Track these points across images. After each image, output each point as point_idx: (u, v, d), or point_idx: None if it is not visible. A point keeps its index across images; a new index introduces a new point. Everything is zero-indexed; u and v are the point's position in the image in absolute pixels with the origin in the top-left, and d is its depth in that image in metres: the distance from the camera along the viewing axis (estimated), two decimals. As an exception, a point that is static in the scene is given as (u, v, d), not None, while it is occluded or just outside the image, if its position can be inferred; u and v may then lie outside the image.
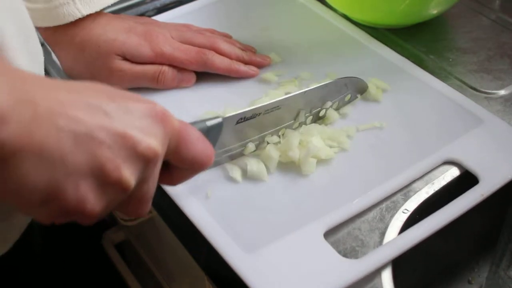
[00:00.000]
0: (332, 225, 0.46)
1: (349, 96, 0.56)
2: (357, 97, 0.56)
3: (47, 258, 0.65)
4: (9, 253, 0.50)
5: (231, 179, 0.49)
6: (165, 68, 0.57)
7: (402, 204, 0.48)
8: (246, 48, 0.62)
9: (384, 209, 0.48)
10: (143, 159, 0.32)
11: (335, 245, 0.45)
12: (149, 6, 0.73)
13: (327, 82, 0.53)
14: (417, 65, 0.61)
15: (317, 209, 0.47)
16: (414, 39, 0.66)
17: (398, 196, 0.49)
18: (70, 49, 0.57)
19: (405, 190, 0.49)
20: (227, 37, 0.63)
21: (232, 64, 0.59)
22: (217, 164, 0.48)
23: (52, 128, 0.29)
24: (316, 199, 0.48)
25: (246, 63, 0.60)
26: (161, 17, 0.68)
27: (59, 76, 0.63)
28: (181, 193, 0.48)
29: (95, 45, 0.56)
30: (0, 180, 0.29)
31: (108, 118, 0.31)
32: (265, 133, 0.50)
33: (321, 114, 0.54)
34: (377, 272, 0.43)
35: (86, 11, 0.55)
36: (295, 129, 0.52)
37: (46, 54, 0.64)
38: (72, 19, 0.54)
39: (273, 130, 0.51)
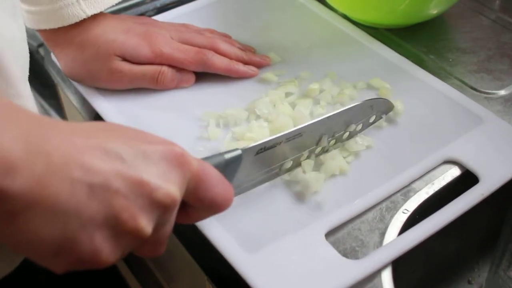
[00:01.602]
0: (334, 225, 0.46)
1: (374, 117, 0.53)
2: (382, 118, 0.53)
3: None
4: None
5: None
6: (165, 69, 0.57)
7: (402, 205, 0.48)
8: (245, 48, 0.62)
9: (384, 209, 0.48)
10: (161, 206, 0.31)
11: (335, 245, 0.45)
12: (149, 6, 0.73)
13: (352, 105, 0.50)
14: (417, 65, 0.61)
15: (319, 209, 0.47)
16: (414, 39, 0.66)
17: (398, 196, 0.49)
18: (69, 50, 0.57)
19: (405, 190, 0.49)
20: (226, 37, 0.63)
21: (231, 64, 0.59)
22: (238, 193, 0.46)
23: (67, 180, 0.28)
24: (317, 199, 0.48)
25: (245, 63, 0.60)
26: (160, 17, 0.68)
27: (58, 76, 0.63)
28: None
29: (95, 46, 0.56)
30: (12, 233, 0.28)
31: (125, 165, 0.30)
32: (285, 161, 0.48)
33: (344, 137, 0.51)
34: (377, 272, 0.43)
35: (90, 12, 0.54)
36: (317, 155, 0.50)
37: (46, 53, 0.64)
38: (76, 19, 0.54)
39: (295, 156, 0.48)
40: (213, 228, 0.45)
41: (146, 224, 0.30)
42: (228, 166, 0.41)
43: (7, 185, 0.26)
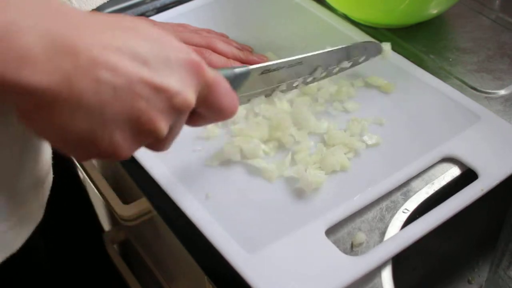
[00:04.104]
0: (334, 222, 0.46)
1: (363, 58, 0.58)
2: (369, 59, 0.58)
3: (48, 258, 0.65)
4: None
5: (231, 179, 0.49)
6: None
7: (402, 204, 0.48)
8: (242, 47, 0.63)
9: (384, 209, 0.48)
10: (177, 111, 0.33)
11: (335, 245, 0.45)
12: (149, 6, 0.73)
13: (349, 45, 0.56)
14: (417, 65, 0.61)
15: (318, 207, 0.47)
16: (414, 39, 0.66)
17: (398, 196, 0.49)
18: None
19: (405, 190, 0.49)
20: (223, 36, 0.63)
21: (229, 63, 0.59)
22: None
23: (93, 79, 0.29)
24: (316, 196, 0.48)
25: (243, 62, 0.60)
26: (159, 17, 0.68)
27: None
28: (181, 194, 0.48)
29: None
30: (38, 123, 0.30)
31: (148, 69, 0.31)
32: (281, 84, 0.53)
33: (334, 71, 0.56)
34: (377, 271, 0.43)
35: (82, 9, 0.54)
36: (307, 83, 0.55)
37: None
38: None
39: (290, 81, 0.54)
40: (213, 229, 0.45)
41: (163, 126, 0.32)
42: (235, 80, 0.45)
43: (24, 77, 0.27)
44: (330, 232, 0.46)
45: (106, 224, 0.86)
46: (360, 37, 0.65)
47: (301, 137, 0.52)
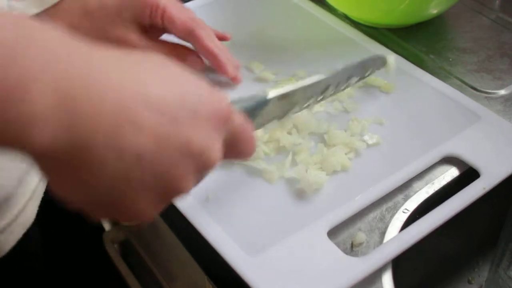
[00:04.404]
0: (336, 223, 0.46)
1: (369, 71, 0.57)
2: (375, 72, 0.58)
3: (48, 258, 0.65)
4: (10, 253, 0.50)
5: (231, 180, 0.49)
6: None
7: (402, 204, 0.48)
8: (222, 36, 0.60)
9: (384, 209, 0.48)
10: (204, 167, 0.31)
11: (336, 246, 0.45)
12: (149, 6, 0.72)
13: (358, 61, 0.55)
14: (417, 65, 0.61)
15: (319, 208, 0.47)
16: (414, 39, 0.66)
17: (399, 196, 0.49)
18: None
19: (406, 189, 0.49)
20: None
21: (216, 47, 0.56)
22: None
23: (116, 143, 0.26)
24: (317, 197, 0.48)
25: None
26: (160, 17, 0.68)
27: None
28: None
29: None
30: (61, 183, 0.28)
31: (176, 124, 0.29)
32: (295, 106, 0.50)
33: (342, 88, 0.55)
34: (378, 273, 0.43)
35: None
36: (319, 101, 0.53)
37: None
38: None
39: (304, 104, 0.51)
40: (214, 231, 0.45)
41: (190, 185, 0.31)
42: (254, 110, 0.44)
43: (31, 140, 0.24)
44: (332, 233, 0.46)
45: (106, 224, 0.86)
46: (360, 37, 0.65)
47: (302, 137, 0.52)
